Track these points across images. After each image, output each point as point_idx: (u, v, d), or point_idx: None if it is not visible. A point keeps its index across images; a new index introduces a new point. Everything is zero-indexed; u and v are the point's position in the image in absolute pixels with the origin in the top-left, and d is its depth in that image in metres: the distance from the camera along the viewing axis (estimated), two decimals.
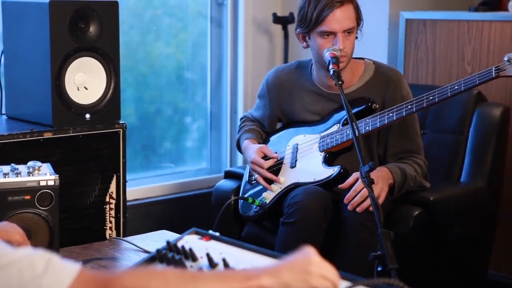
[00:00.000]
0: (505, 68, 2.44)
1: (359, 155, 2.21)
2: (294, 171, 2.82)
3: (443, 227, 2.86)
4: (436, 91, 2.57)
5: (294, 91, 2.94)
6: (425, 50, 3.64)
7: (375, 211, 2.08)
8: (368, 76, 2.86)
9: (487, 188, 3.08)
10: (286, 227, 2.64)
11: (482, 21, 3.46)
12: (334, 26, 2.70)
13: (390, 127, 2.76)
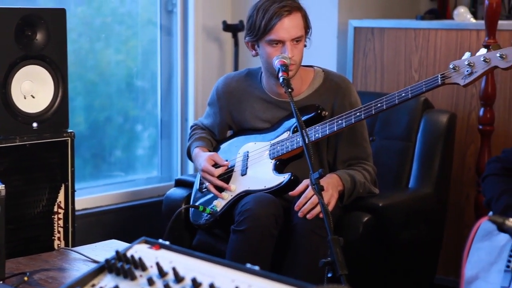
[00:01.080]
0: (451, 76, 2.49)
1: (309, 162, 2.22)
2: (244, 178, 2.82)
3: (392, 233, 2.90)
4: (384, 98, 2.61)
5: (244, 99, 2.95)
6: (373, 58, 3.69)
7: (325, 217, 2.10)
8: (318, 83, 2.88)
9: (435, 193, 3.13)
10: (237, 235, 2.64)
11: (429, 30, 3.53)
12: (283, 35, 2.72)
13: (339, 134, 2.79)
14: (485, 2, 3.16)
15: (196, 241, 2.98)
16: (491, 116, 3.24)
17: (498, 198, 2.01)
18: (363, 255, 2.81)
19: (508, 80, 3.33)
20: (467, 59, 2.44)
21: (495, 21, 3.15)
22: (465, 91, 3.42)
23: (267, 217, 2.63)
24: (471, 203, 3.39)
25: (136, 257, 1.48)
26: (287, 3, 2.74)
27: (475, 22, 3.49)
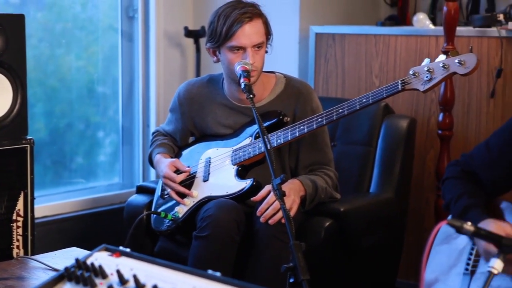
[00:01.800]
0: (410, 82, 2.51)
1: (271, 168, 2.22)
2: (207, 184, 2.82)
3: (354, 237, 2.92)
4: (345, 104, 2.62)
5: (206, 105, 2.94)
6: (334, 64, 3.72)
7: (286, 223, 2.10)
8: (279, 89, 2.89)
9: (395, 198, 3.16)
10: (199, 241, 2.64)
11: (389, 36, 3.56)
12: (244, 41, 2.72)
13: (301, 140, 2.80)
14: (444, 9, 3.20)
15: (158, 247, 2.96)
16: (450, 121, 3.28)
17: (457, 200, 2.03)
18: (325, 260, 2.82)
19: (466, 86, 3.38)
20: (427, 65, 2.47)
21: (454, 28, 3.20)
22: (424, 97, 3.47)
23: (229, 223, 2.62)
24: (431, 207, 3.43)
25: (96, 264, 1.47)
26: (248, 10, 2.74)
27: (434, 28, 3.54)
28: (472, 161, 2.13)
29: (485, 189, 2.07)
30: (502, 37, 3.24)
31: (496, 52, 3.28)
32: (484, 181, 2.07)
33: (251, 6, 2.77)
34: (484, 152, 2.09)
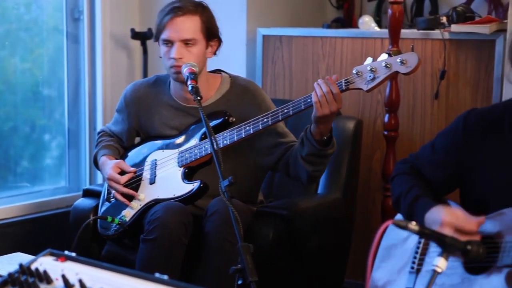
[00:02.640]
0: (354, 81, 2.53)
1: (219, 170, 2.22)
2: (153, 187, 2.80)
3: (302, 238, 2.93)
4: (291, 104, 2.63)
5: (153, 106, 2.93)
6: (282, 65, 3.74)
7: (234, 225, 2.10)
8: (225, 89, 2.90)
9: (343, 199, 3.19)
10: (147, 244, 2.62)
11: (335, 38, 3.60)
12: (172, 35, 2.74)
13: (260, 137, 2.78)
14: (389, 11, 3.25)
15: (105, 251, 2.93)
16: (396, 122, 3.33)
17: (407, 192, 2.06)
18: (274, 261, 2.83)
19: (411, 87, 3.43)
20: (370, 65, 2.49)
21: (398, 30, 3.24)
22: (370, 98, 3.51)
23: (176, 225, 2.61)
24: (377, 208, 3.47)
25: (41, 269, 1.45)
26: (184, 5, 2.76)
27: (379, 30, 3.59)
28: (418, 161, 2.16)
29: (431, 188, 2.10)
30: (445, 39, 3.30)
31: (440, 54, 3.34)
32: (430, 181, 2.10)
33: (190, 3, 2.78)
34: (429, 153, 2.13)
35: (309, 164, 2.66)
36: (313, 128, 2.59)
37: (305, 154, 2.64)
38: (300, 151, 2.66)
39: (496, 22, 3.25)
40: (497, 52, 3.22)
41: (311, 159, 2.65)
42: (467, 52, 3.30)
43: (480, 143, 2.00)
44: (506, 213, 1.87)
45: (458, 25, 3.30)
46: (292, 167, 2.73)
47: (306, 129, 2.63)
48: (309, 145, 2.61)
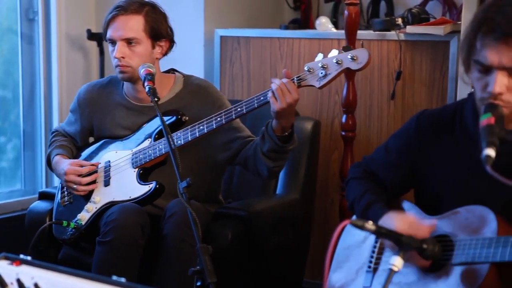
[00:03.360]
0: (306, 78, 2.53)
1: (177, 171, 2.20)
2: (108, 189, 2.78)
3: (261, 239, 2.94)
4: (244, 102, 2.62)
5: (106, 106, 2.92)
6: (239, 66, 3.74)
7: (193, 226, 2.10)
8: (179, 88, 2.89)
9: (301, 199, 3.20)
10: (103, 246, 2.60)
11: (292, 39, 3.61)
12: (113, 34, 2.75)
13: (216, 136, 2.78)
14: (345, 13, 3.27)
15: (62, 255, 2.90)
16: (353, 123, 3.35)
17: (360, 197, 2.08)
18: (233, 262, 2.83)
19: (368, 88, 3.47)
20: (321, 61, 2.49)
21: (355, 31, 3.27)
22: (328, 99, 3.53)
23: (132, 227, 2.60)
24: (336, 208, 3.49)
25: None
26: (127, 4, 2.77)
27: (336, 31, 3.61)
28: (372, 163, 2.18)
29: (386, 190, 2.12)
30: (400, 41, 3.34)
31: (396, 55, 3.37)
32: (384, 182, 2.12)
33: (136, 3, 2.77)
34: (383, 154, 2.15)
35: (270, 160, 2.66)
36: (275, 123, 2.59)
37: (266, 150, 2.64)
38: (261, 147, 2.66)
39: (450, 24, 3.30)
40: (451, 53, 3.27)
41: (272, 155, 2.65)
42: (422, 53, 3.34)
43: (432, 144, 2.02)
44: (460, 212, 1.90)
45: (413, 27, 3.34)
46: (251, 162, 2.73)
47: (267, 125, 2.62)
48: (270, 141, 2.61)
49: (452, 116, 2.02)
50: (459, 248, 1.83)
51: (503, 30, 1.76)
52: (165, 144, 2.68)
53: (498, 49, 1.78)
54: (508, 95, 1.79)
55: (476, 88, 1.85)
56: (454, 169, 1.97)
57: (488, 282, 1.76)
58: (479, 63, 1.81)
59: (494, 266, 1.76)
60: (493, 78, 1.79)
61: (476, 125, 1.87)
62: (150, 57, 2.77)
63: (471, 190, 1.92)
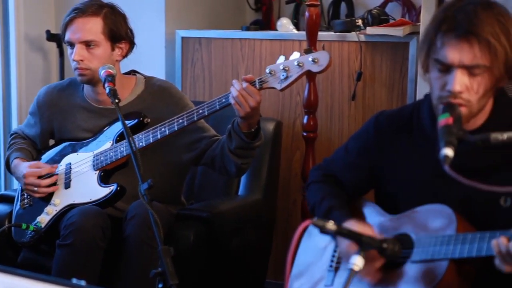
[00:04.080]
0: (268, 80, 2.54)
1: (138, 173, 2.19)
2: (68, 192, 2.76)
3: (223, 240, 2.94)
4: (206, 105, 2.62)
5: (66, 109, 2.89)
6: (201, 67, 3.73)
7: (154, 228, 2.09)
8: (140, 89, 2.88)
9: (263, 200, 3.21)
10: (63, 249, 2.58)
11: (254, 40, 3.62)
12: (71, 36, 2.74)
13: (181, 137, 2.77)
14: (306, 14, 3.29)
15: (21, 258, 2.86)
16: (314, 124, 3.37)
17: (321, 202, 2.09)
18: (195, 263, 2.83)
19: (329, 89, 3.49)
20: (282, 64, 2.50)
21: (315, 32, 3.29)
22: (289, 100, 3.55)
23: (93, 229, 2.58)
24: (298, 208, 3.50)
25: None
26: (85, 6, 2.75)
27: (297, 33, 3.63)
28: (333, 164, 2.19)
29: (346, 191, 2.13)
30: (361, 42, 3.37)
31: (356, 56, 3.40)
32: (345, 183, 2.14)
33: (94, 4, 2.75)
34: (343, 156, 2.16)
35: (237, 157, 2.67)
36: (240, 121, 2.59)
37: (233, 148, 2.65)
38: (228, 145, 2.66)
39: (409, 25, 3.34)
40: (410, 54, 3.30)
41: (240, 152, 2.66)
42: (382, 54, 3.37)
43: (391, 144, 2.04)
44: (419, 211, 1.92)
45: (373, 28, 3.37)
46: (218, 160, 2.74)
47: (233, 122, 2.62)
48: (237, 138, 2.62)
49: (409, 117, 2.04)
50: (419, 246, 1.85)
51: (464, 28, 1.78)
52: (126, 146, 2.67)
53: (459, 47, 1.79)
54: (467, 94, 1.81)
55: (434, 87, 1.87)
56: (413, 168, 1.99)
57: (447, 279, 1.78)
58: (439, 61, 1.83)
59: (453, 263, 1.78)
60: (453, 77, 1.81)
61: (433, 125, 1.89)
62: (110, 59, 2.75)
63: (429, 189, 1.94)
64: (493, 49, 1.77)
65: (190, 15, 3.93)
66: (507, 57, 1.80)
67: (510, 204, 1.85)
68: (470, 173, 1.65)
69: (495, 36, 1.77)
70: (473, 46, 1.78)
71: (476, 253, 1.73)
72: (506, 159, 1.87)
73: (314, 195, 2.14)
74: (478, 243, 1.73)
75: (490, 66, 1.79)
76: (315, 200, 2.12)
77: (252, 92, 2.50)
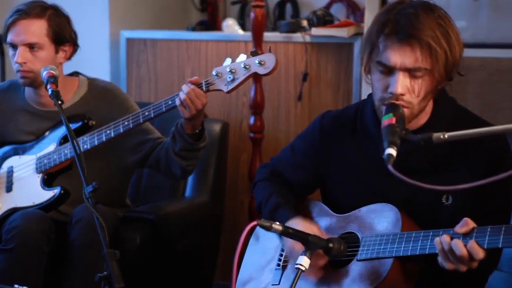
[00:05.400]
0: (214, 82, 2.54)
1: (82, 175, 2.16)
2: (10, 195, 2.71)
3: (170, 242, 2.92)
4: (152, 107, 2.61)
5: (8, 112, 2.84)
6: (146, 69, 3.71)
7: (99, 231, 2.06)
8: (83, 91, 2.85)
9: (210, 201, 3.20)
10: (5, 254, 2.53)
11: (200, 41, 3.61)
12: (14, 38, 2.71)
13: (128, 138, 2.75)
14: (251, 15, 3.29)
15: None
16: (261, 124, 3.38)
17: (267, 200, 2.10)
18: (142, 265, 2.81)
19: (275, 89, 3.50)
20: (229, 66, 2.51)
21: (261, 33, 3.30)
22: (236, 100, 3.55)
23: (36, 233, 2.54)
24: (245, 209, 3.51)
25: None
26: (29, 8, 2.71)
27: (243, 33, 3.63)
28: (279, 163, 2.20)
29: (293, 190, 2.14)
30: (306, 43, 3.39)
31: (302, 57, 3.42)
32: (292, 182, 2.15)
33: (38, 6, 2.71)
34: (289, 155, 2.17)
35: (182, 159, 2.66)
36: (184, 122, 2.59)
37: (178, 150, 2.64)
38: (172, 147, 2.65)
39: (354, 26, 3.37)
40: (355, 55, 3.34)
41: (184, 154, 2.65)
42: (328, 54, 3.40)
43: (335, 144, 2.06)
44: (364, 210, 1.95)
45: (318, 29, 3.39)
46: (163, 163, 2.72)
47: (177, 124, 2.62)
48: (181, 140, 2.61)
49: (353, 117, 2.06)
50: (365, 245, 1.87)
51: (406, 32, 1.81)
52: (70, 148, 2.64)
53: (401, 50, 1.82)
54: (409, 96, 1.84)
55: (376, 88, 1.90)
56: (357, 168, 2.01)
57: (391, 277, 1.80)
58: (382, 64, 1.85)
59: (397, 261, 1.81)
60: (395, 79, 1.83)
61: (376, 125, 1.92)
62: (53, 62, 2.71)
63: (374, 188, 1.96)
64: (434, 52, 1.81)
65: (135, 16, 3.89)
66: (447, 60, 1.83)
67: (452, 202, 1.89)
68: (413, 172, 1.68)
69: (435, 39, 1.81)
70: (415, 49, 1.81)
71: (420, 251, 1.76)
72: (448, 158, 1.90)
73: (260, 193, 2.15)
74: (421, 242, 1.76)
75: (431, 69, 1.82)
76: (262, 197, 2.13)
77: (199, 94, 2.50)
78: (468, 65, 3.10)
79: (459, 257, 1.68)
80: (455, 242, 1.68)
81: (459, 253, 1.67)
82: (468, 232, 1.69)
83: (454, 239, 1.69)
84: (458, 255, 1.67)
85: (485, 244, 1.66)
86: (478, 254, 1.66)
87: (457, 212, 1.81)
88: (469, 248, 1.67)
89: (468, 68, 3.11)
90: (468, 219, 1.70)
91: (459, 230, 1.70)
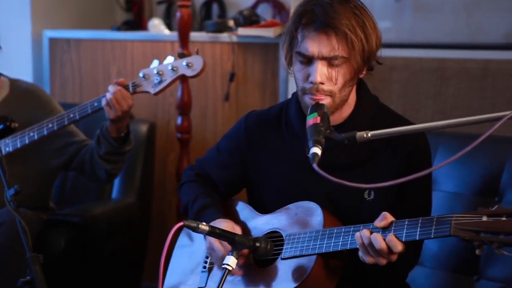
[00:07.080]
0: (141, 84, 2.54)
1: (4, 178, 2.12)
2: None
3: (96, 244, 2.89)
4: (77, 109, 2.59)
5: None
6: (71, 69, 3.65)
7: (22, 235, 2.02)
8: (5, 92, 2.79)
9: (138, 202, 3.17)
10: None
11: (125, 41, 3.57)
12: None
13: (50, 141, 2.70)
14: (177, 15, 3.28)
15: None
16: (188, 124, 3.37)
17: (193, 201, 2.09)
18: (67, 269, 2.77)
19: (202, 89, 3.49)
20: (156, 68, 2.51)
21: (187, 33, 3.28)
22: (163, 100, 3.52)
23: None
24: (173, 210, 3.49)
25: None
26: None
27: (169, 33, 3.61)
28: (205, 164, 2.20)
29: (219, 190, 2.15)
30: (233, 43, 3.39)
31: (229, 57, 3.42)
32: (217, 182, 2.15)
33: None
34: (215, 155, 2.17)
35: (107, 163, 2.64)
36: (109, 125, 2.57)
37: (103, 153, 2.61)
38: (97, 150, 2.62)
39: (280, 26, 3.39)
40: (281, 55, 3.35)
41: (109, 158, 2.63)
42: (254, 54, 3.41)
43: (260, 143, 2.08)
44: (290, 208, 1.96)
45: (244, 29, 3.40)
46: (88, 166, 2.69)
47: (102, 127, 2.60)
48: (106, 144, 2.59)
49: (278, 115, 2.08)
50: (289, 243, 1.88)
51: (322, 22, 1.85)
52: None
53: (318, 39, 1.86)
54: (329, 84, 1.88)
55: (298, 79, 1.93)
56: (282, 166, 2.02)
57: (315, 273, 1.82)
58: (301, 54, 1.89)
59: (320, 258, 1.83)
60: (314, 68, 1.87)
61: (301, 122, 1.94)
62: None
63: (298, 185, 1.98)
64: (350, 41, 1.85)
65: (58, 15, 3.82)
66: (364, 48, 1.88)
67: (374, 197, 1.93)
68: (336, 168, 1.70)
69: (351, 28, 1.85)
70: (331, 38, 1.85)
71: (341, 246, 1.78)
72: (371, 154, 1.94)
73: (186, 194, 2.15)
74: (343, 237, 1.79)
75: (348, 57, 1.87)
76: (188, 199, 2.12)
77: (125, 96, 2.49)
78: (392, 65, 3.17)
79: (379, 251, 1.71)
80: (374, 236, 1.71)
81: (378, 246, 1.70)
82: (387, 226, 1.72)
83: (373, 233, 1.72)
84: (377, 248, 1.70)
85: (403, 237, 1.69)
86: (396, 247, 1.70)
87: (379, 207, 1.84)
88: (388, 242, 1.70)
89: (392, 67, 3.18)
90: (387, 213, 1.74)
91: (378, 224, 1.73)
